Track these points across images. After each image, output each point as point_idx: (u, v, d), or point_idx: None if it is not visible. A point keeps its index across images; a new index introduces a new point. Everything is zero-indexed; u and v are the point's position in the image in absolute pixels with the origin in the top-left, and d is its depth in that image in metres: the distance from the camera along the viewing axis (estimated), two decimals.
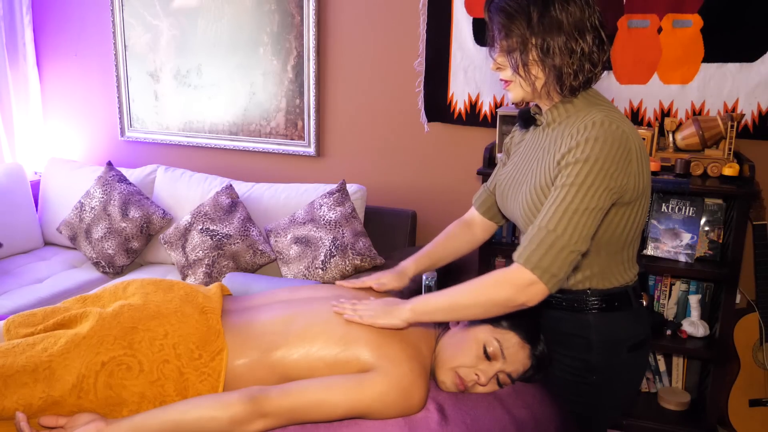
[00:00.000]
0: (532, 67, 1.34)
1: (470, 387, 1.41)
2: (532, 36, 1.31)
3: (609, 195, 1.28)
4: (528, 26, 1.31)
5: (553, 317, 1.47)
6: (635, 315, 1.47)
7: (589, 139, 1.28)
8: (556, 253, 1.25)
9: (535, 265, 1.26)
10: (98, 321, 1.34)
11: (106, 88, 3.49)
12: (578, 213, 1.26)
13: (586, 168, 1.26)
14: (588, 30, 1.32)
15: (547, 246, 1.26)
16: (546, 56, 1.32)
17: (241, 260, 2.73)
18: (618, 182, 1.28)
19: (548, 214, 1.28)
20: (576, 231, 1.25)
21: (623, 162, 1.28)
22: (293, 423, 1.30)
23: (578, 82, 1.34)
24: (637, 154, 1.31)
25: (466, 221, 1.78)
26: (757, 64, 2.39)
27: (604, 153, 1.26)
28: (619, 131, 1.29)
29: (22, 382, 1.25)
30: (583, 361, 1.45)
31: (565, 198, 1.27)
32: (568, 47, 1.31)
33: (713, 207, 2.45)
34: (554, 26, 1.30)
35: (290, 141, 3.12)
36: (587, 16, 1.32)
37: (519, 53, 1.33)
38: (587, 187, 1.26)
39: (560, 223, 1.26)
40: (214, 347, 1.39)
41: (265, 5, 3.01)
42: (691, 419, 2.50)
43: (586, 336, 1.44)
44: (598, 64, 1.35)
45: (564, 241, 1.25)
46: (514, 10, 1.32)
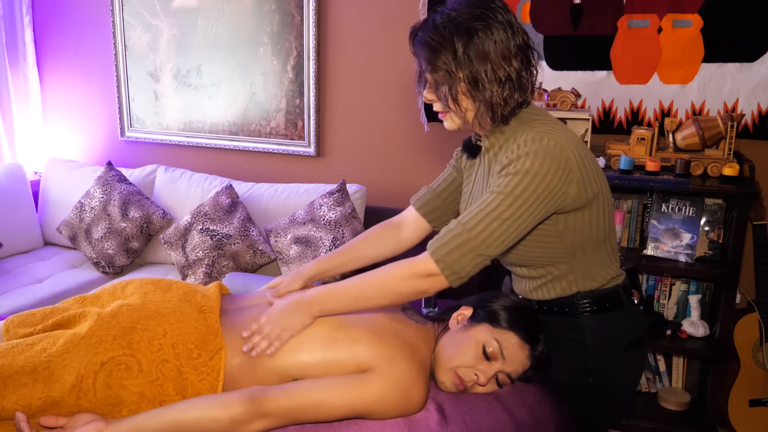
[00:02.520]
0: (462, 100, 1.34)
1: (470, 387, 1.41)
2: (458, 69, 1.30)
3: (541, 207, 1.28)
4: (454, 59, 1.30)
5: (547, 322, 1.47)
6: (628, 314, 1.47)
7: (520, 156, 1.29)
8: (464, 253, 1.27)
9: (441, 258, 1.28)
10: (97, 321, 1.34)
11: (106, 88, 3.49)
12: (497, 220, 1.27)
13: (517, 179, 1.27)
14: (514, 55, 1.31)
15: (458, 243, 1.28)
16: (475, 89, 1.31)
17: (241, 260, 2.73)
18: (555, 193, 1.28)
19: (470, 214, 1.29)
20: (490, 237, 1.27)
21: (560, 172, 1.28)
22: (293, 423, 1.30)
23: (509, 110, 1.34)
24: (577, 161, 1.30)
25: (393, 223, 1.74)
26: (757, 64, 2.39)
27: (536, 166, 1.27)
28: (552, 143, 1.29)
29: (21, 382, 1.25)
30: (579, 364, 1.45)
31: (490, 203, 1.28)
32: (496, 76, 1.30)
33: (713, 207, 2.45)
34: (480, 57, 1.29)
35: (290, 141, 3.12)
36: (512, 41, 1.31)
37: (447, 87, 1.32)
38: (513, 198, 1.26)
39: (477, 226, 1.27)
40: (212, 346, 1.39)
41: (265, 5, 3.01)
42: (691, 419, 2.50)
43: (581, 339, 1.45)
44: (528, 87, 1.35)
45: (475, 243, 1.27)
46: (438, 43, 1.30)
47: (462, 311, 1.50)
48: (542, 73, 2.61)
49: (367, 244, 1.71)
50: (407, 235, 1.71)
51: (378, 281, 1.36)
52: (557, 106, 2.46)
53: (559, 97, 2.44)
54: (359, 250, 1.70)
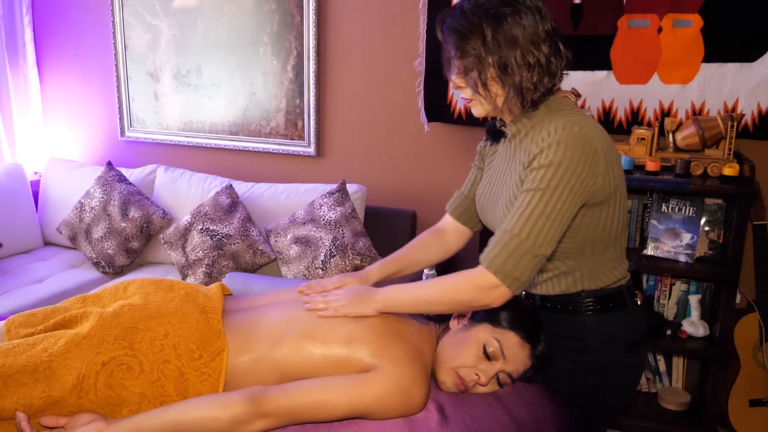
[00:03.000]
0: (491, 85, 1.34)
1: (470, 387, 1.41)
2: (488, 54, 1.30)
3: (576, 197, 1.28)
4: (483, 45, 1.30)
5: (549, 320, 1.47)
6: (630, 314, 1.47)
7: (551, 144, 1.28)
8: (519, 258, 1.27)
9: (498, 268, 1.28)
10: (98, 321, 1.34)
11: (106, 88, 3.49)
12: (542, 217, 1.26)
13: (551, 172, 1.27)
14: (543, 40, 1.31)
15: (511, 250, 1.27)
16: (504, 74, 1.31)
17: (241, 260, 2.73)
18: (585, 183, 1.28)
19: (513, 218, 1.29)
20: (540, 235, 1.26)
21: (589, 162, 1.28)
22: (294, 423, 1.30)
23: (538, 95, 1.34)
24: (604, 153, 1.31)
25: (438, 229, 1.76)
26: (757, 64, 2.39)
27: (568, 156, 1.27)
28: (582, 132, 1.29)
29: (22, 382, 1.25)
30: (580, 362, 1.45)
31: (530, 202, 1.28)
32: (525, 61, 1.30)
33: (713, 207, 2.45)
34: (509, 42, 1.29)
35: (290, 141, 3.12)
36: (540, 26, 1.31)
37: (477, 73, 1.33)
38: (551, 191, 1.26)
39: (524, 228, 1.27)
40: (214, 347, 1.39)
41: (265, 5, 3.01)
42: (691, 419, 2.50)
43: (583, 337, 1.45)
44: (557, 73, 1.35)
45: (528, 245, 1.26)
46: (467, 29, 1.31)
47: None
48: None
49: (420, 249, 1.74)
50: (451, 240, 1.74)
51: (442, 288, 1.37)
52: None
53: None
54: (414, 256, 1.74)
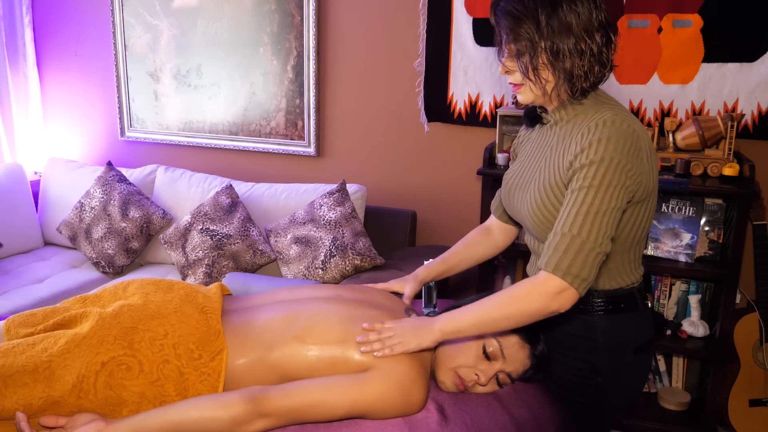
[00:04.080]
0: (542, 71, 1.33)
1: (470, 387, 1.41)
2: (541, 39, 1.30)
3: (625, 193, 1.28)
4: (537, 29, 1.29)
5: (559, 318, 1.47)
6: (641, 316, 1.47)
7: (601, 138, 1.27)
8: (584, 258, 1.26)
9: (565, 271, 1.26)
10: (98, 321, 1.34)
11: (106, 88, 3.49)
12: (600, 214, 1.26)
13: (602, 169, 1.26)
14: (596, 29, 1.31)
15: (575, 251, 1.26)
16: (556, 59, 1.31)
17: (241, 260, 2.73)
18: (633, 180, 1.28)
19: (569, 218, 1.27)
20: (600, 232, 1.26)
21: (636, 160, 1.28)
22: (293, 423, 1.30)
23: (588, 84, 1.34)
24: (647, 152, 1.32)
25: (486, 227, 1.78)
26: (757, 64, 2.39)
27: (618, 152, 1.26)
28: (630, 129, 1.29)
29: (22, 382, 1.25)
30: (588, 362, 1.45)
31: (585, 200, 1.26)
32: (578, 49, 1.30)
33: (713, 207, 2.45)
34: (563, 28, 1.29)
35: (290, 141, 3.12)
36: (595, 15, 1.31)
37: (528, 57, 1.32)
38: (605, 188, 1.26)
39: (584, 227, 1.26)
40: (214, 347, 1.39)
41: (265, 5, 3.01)
42: (691, 419, 2.50)
43: (593, 338, 1.44)
44: (608, 63, 1.34)
45: (590, 244, 1.25)
46: (521, 13, 1.30)
47: None
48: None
49: (469, 248, 1.75)
50: (499, 237, 1.75)
51: (504, 304, 1.32)
52: None
53: None
54: (463, 254, 1.74)
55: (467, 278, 2.89)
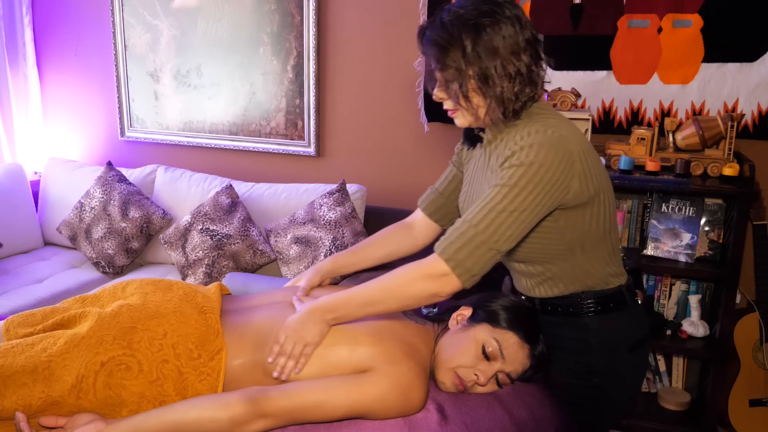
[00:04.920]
0: (473, 97, 1.33)
1: (469, 387, 1.41)
2: (468, 66, 1.29)
3: (546, 199, 1.27)
4: (463, 57, 1.29)
5: (551, 322, 1.47)
6: (632, 314, 1.47)
7: (524, 146, 1.28)
8: (473, 248, 1.26)
9: (451, 256, 1.27)
10: (97, 321, 1.34)
11: (106, 88, 3.49)
12: (504, 213, 1.26)
13: (521, 171, 1.26)
14: (523, 49, 1.30)
15: (466, 240, 1.27)
16: (485, 85, 1.30)
17: (241, 260, 2.73)
18: (559, 186, 1.27)
19: (475, 210, 1.29)
20: (498, 230, 1.26)
21: (563, 165, 1.27)
22: (293, 423, 1.30)
23: (520, 105, 1.33)
24: (579, 155, 1.30)
25: (406, 224, 1.74)
26: (757, 64, 2.39)
27: (540, 157, 1.26)
28: (556, 135, 1.28)
29: (22, 382, 1.25)
30: (583, 364, 1.45)
31: (495, 197, 1.27)
32: (506, 72, 1.29)
33: (713, 207, 2.45)
34: (489, 53, 1.28)
35: (290, 141, 3.12)
36: (521, 35, 1.30)
37: (457, 84, 1.32)
38: (519, 189, 1.26)
39: (483, 220, 1.26)
40: (213, 347, 1.39)
41: (265, 5, 3.01)
42: (691, 419, 2.50)
43: (585, 339, 1.44)
44: (538, 81, 1.34)
45: (483, 237, 1.26)
46: (446, 41, 1.30)
47: (461, 311, 1.50)
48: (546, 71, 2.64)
49: (382, 243, 1.72)
50: (419, 235, 1.72)
51: (388, 285, 1.34)
52: (557, 106, 2.46)
53: (559, 97, 2.44)
54: (374, 249, 1.71)
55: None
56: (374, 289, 1.36)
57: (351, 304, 1.38)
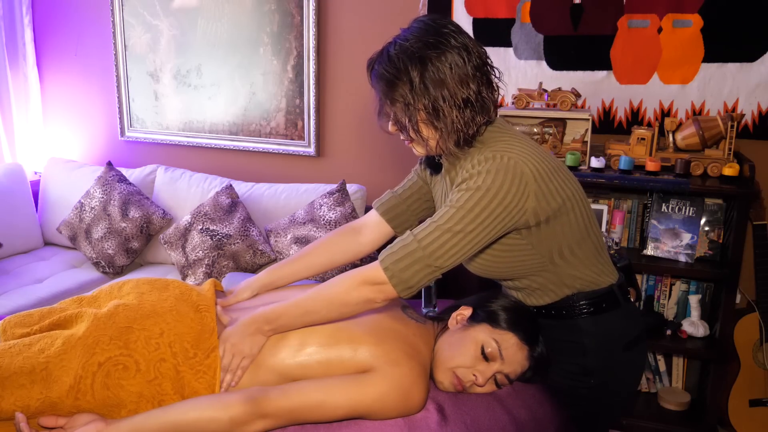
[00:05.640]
0: (423, 129, 1.32)
1: (468, 387, 1.41)
2: (416, 100, 1.28)
3: (498, 223, 1.27)
4: (411, 91, 1.28)
5: (545, 325, 1.47)
6: (625, 313, 1.47)
7: (473, 174, 1.29)
8: (412, 262, 1.27)
9: (389, 266, 1.29)
10: (93, 322, 1.34)
11: (106, 88, 3.49)
12: (448, 233, 1.26)
13: (471, 195, 1.27)
14: (471, 77, 1.28)
15: (407, 253, 1.28)
16: (435, 118, 1.29)
17: (241, 260, 2.73)
18: (512, 210, 1.27)
19: (423, 225, 1.30)
20: (440, 249, 1.27)
21: (515, 188, 1.27)
22: (293, 423, 1.30)
23: (472, 132, 1.32)
24: (534, 175, 1.28)
25: (353, 227, 1.68)
26: (757, 64, 2.39)
27: (489, 183, 1.26)
28: (506, 159, 1.28)
29: (19, 383, 1.25)
30: (579, 365, 1.45)
31: (443, 216, 1.28)
32: (455, 102, 1.28)
33: (713, 207, 2.45)
34: (436, 84, 1.27)
35: (290, 141, 3.12)
36: (468, 64, 1.28)
37: (407, 118, 1.31)
38: (465, 212, 1.26)
39: (427, 238, 1.27)
40: (208, 345, 1.39)
41: (265, 5, 3.01)
42: (691, 419, 2.50)
43: (579, 341, 1.44)
44: (490, 106, 1.32)
45: (424, 254, 1.27)
46: (393, 75, 1.29)
47: (461, 311, 1.50)
48: (543, 73, 2.64)
49: (323, 250, 1.65)
50: (367, 239, 1.66)
51: (326, 294, 1.35)
52: (557, 106, 2.46)
53: (559, 97, 2.44)
54: (314, 257, 1.65)
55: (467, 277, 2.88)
56: (312, 298, 1.36)
57: (289, 315, 1.37)
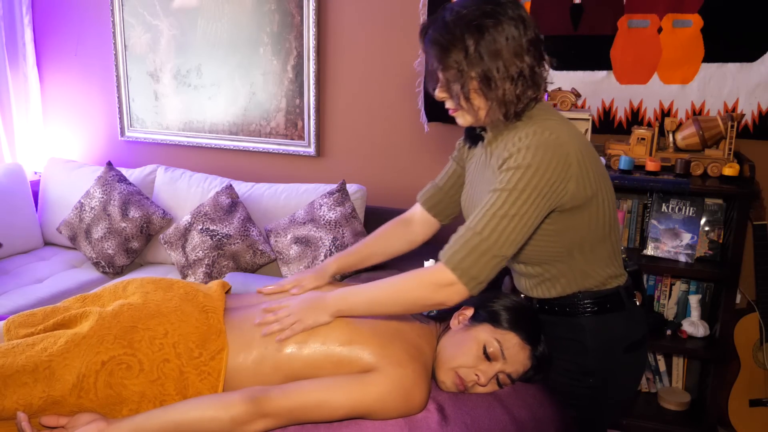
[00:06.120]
0: (474, 98, 1.32)
1: (470, 387, 1.41)
2: (470, 68, 1.28)
3: (544, 201, 1.27)
4: (465, 58, 1.27)
5: (548, 322, 1.47)
6: (629, 315, 1.47)
7: (521, 148, 1.27)
8: (478, 256, 1.25)
9: (456, 265, 1.26)
10: (98, 320, 1.34)
11: (106, 88, 3.49)
12: (507, 218, 1.25)
13: (518, 174, 1.26)
14: (526, 50, 1.29)
15: (471, 248, 1.26)
16: (487, 87, 1.29)
17: (241, 260, 2.73)
18: (555, 188, 1.27)
19: (477, 216, 1.28)
20: (502, 235, 1.25)
21: (560, 167, 1.27)
22: (294, 423, 1.30)
23: (522, 107, 1.32)
24: (577, 158, 1.29)
25: (404, 219, 1.74)
26: (757, 64, 2.39)
27: (537, 160, 1.25)
28: (553, 137, 1.28)
29: (22, 381, 1.25)
30: (579, 364, 1.45)
31: (495, 202, 1.26)
32: (508, 74, 1.28)
33: (713, 207, 2.45)
34: (492, 54, 1.26)
35: (290, 141, 3.12)
36: (524, 36, 1.28)
37: (459, 86, 1.30)
38: (518, 192, 1.25)
39: (487, 227, 1.26)
40: (214, 346, 1.39)
41: (265, 5, 3.01)
42: (691, 419, 2.50)
43: (581, 340, 1.45)
44: (541, 83, 1.33)
45: (488, 244, 1.25)
46: (449, 41, 1.28)
47: (463, 311, 1.50)
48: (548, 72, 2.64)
49: (382, 241, 1.72)
50: (418, 230, 1.72)
51: (396, 289, 1.34)
52: (557, 106, 2.46)
53: (559, 97, 2.44)
54: (374, 247, 1.71)
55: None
56: (382, 291, 1.36)
57: (356, 301, 1.39)
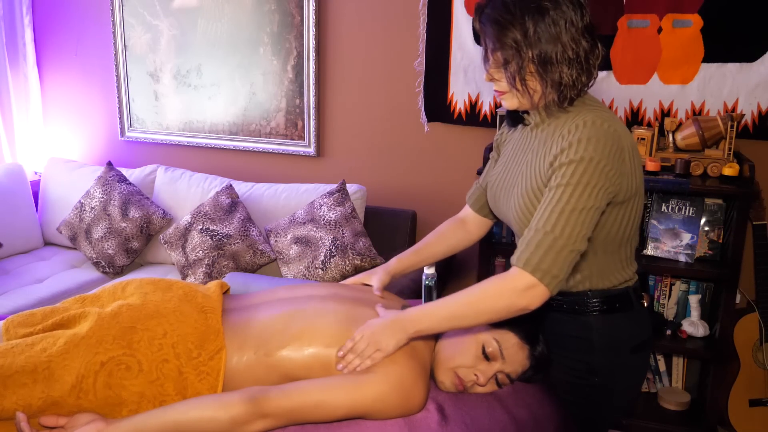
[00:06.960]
0: (530, 81, 1.30)
1: (469, 387, 1.41)
2: (528, 48, 1.27)
3: (605, 194, 1.27)
4: (524, 38, 1.26)
5: (555, 319, 1.47)
6: (636, 316, 1.46)
7: (581, 139, 1.26)
8: (555, 254, 1.24)
9: (535, 267, 1.25)
10: (97, 321, 1.34)
11: (106, 88, 3.49)
12: (575, 212, 1.24)
13: (581, 168, 1.25)
14: (582, 35, 1.28)
15: (546, 247, 1.25)
16: (545, 69, 1.28)
17: (241, 260, 2.73)
18: (613, 180, 1.27)
19: (544, 215, 1.27)
20: (574, 231, 1.24)
21: (617, 161, 1.27)
22: (293, 423, 1.30)
23: (576, 92, 1.32)
24: (629, 153, 1.30)
25: (460, 219, 1.76)
26: (757, 64, 2.39)
27: (598, 152, 1.25)
28: (611, 130, 1.28)
29: (21, 382, 1.25)
30: (584, 363, 1.45)
31: (561, 198, 1.25)
32: (566, 57, 1.27)
33: (713, 207, 2.45)
34: (551, 36, 1.26)
35: (290, 141, 3.12)
36: (581, 19, 1.28)
37: (516, 66, 1.29)
38: (583, 187, 1.25)
39: (557, 224, 1.25)
40: (213, 346, 1.39)
41: (265, 5, 3.01)
42: (691, 419, 2.50)
43: (588, 338, 1.44)
44: (595, 69, 1.32)
45: (563, 241, 1.24)
46: (507, 21, 1.27)
47: None
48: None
49: (441, 240, 1.73)
50: (473, 229, 1.74)
51: (474, 300, 1.32)
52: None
53: None
54: (434, 246, 1.73)
55: (467, 277, 2.89)
56: (461, 305, 1.33)
57: (435, 318, 1.35)
